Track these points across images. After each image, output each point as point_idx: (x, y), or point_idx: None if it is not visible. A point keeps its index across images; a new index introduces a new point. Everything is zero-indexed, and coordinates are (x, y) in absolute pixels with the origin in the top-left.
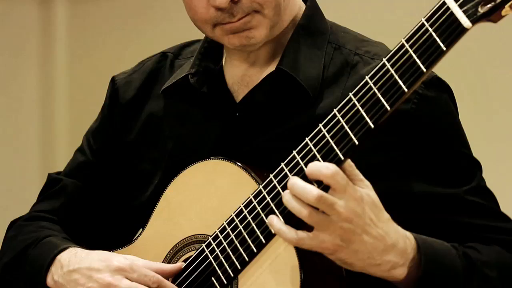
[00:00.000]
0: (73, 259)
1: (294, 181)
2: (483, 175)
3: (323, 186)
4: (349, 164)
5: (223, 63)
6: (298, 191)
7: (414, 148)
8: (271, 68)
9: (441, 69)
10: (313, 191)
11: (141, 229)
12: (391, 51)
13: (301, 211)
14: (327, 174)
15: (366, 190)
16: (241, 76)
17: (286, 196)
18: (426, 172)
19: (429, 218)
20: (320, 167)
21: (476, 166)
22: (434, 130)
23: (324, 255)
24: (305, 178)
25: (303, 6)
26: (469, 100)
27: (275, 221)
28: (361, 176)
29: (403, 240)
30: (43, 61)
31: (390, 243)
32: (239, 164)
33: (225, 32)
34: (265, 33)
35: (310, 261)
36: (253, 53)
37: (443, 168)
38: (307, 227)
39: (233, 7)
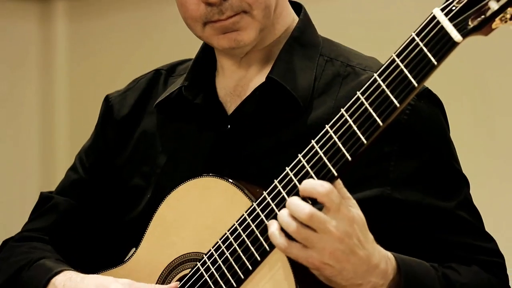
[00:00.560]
0: (68, 283)
1: (290, 199)
2: (483, 188)
3: (318, 205)
4: (338, 181)
5: (216, 75)
6: (291, 208)
7: (405, 158)
8: (263, 79)
9: (442, 82)
10: (305, 208)
11: (134, 248)
12: (382, 66)
13: (289, 225)
14: (321, 192)
15: (356, 209)
16: (234, 87)
17: (281, 211)
18: (416, 182)
19: (413, 229)
20: (314, 185)
21: (464, 182)
22: (425, 141)
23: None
24: (298, 195)
25: (296, 19)
26: (470, 112)
27: (274, 225)
28: (348, 194)
29: (385, 261)
30: (43, 76)
31: (373, 264)
32: (231, 181)
33: (215, 32)
34: (254, 36)
35: (305, 282)
36: (245, 63)
37: (432, 179)
38: None
39: (222, 4)
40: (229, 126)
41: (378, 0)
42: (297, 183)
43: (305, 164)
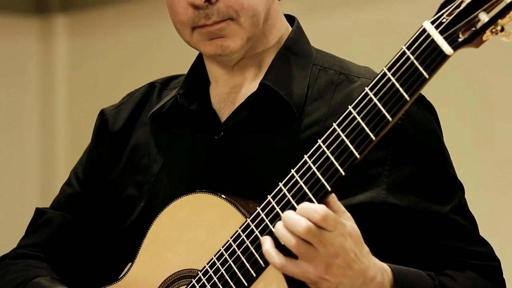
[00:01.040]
0: None
1: (286, 212)
2: (482, 197)
3: None
4: (332, 196)
5: (210, 84)
6: (288, 222)
7: (399, 162)
8: (256, 86)
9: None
10: (302, 222)
11: (129, 264)
12: (374, 80)
13: (289, 240)
14: (317, 218)
15: (351, 223)
16: (227, 94)
17: (278, 225)
18: (410, 186)
19: (407, 234)
20: (309, 211)
21: (458, 186)
22: (418, 145)
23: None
24: (294, 210)
25: (289, 29)
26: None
27: (268, 242)
28: (343, 208)
29: (381, 273)
30: (44, 91)
31: (369, 276)
32: (224, 196)
33: (202, 38)
34: (241, 44)
35: None
36: (237, 72)
37: (426, 183)
38: (294, 255)
39: (208, 7)
40: (222, 133)
41: (370, 15)
42: (290, 198)
43: (299, 179)
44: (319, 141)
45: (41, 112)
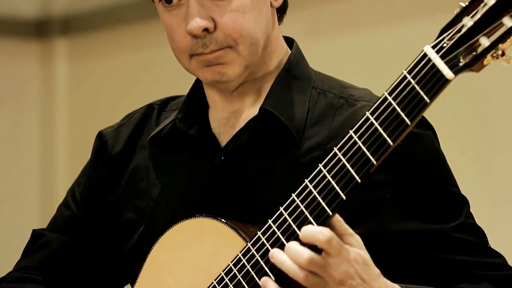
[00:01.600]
0: None
1: (288, 244)
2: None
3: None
4: (338, 219)
5: (209, 108)
6: (290, 253)
7: (401, 185)
8: (256, 111)
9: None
10: (304, 253)
11: (129, 285)
12: (375, 104)
13: (297, 274)
14: (322, 240)
15: (357, 249)
16: (226, 119)
17: (281, 257)
18: (414, 209)
19: (417, 256)
20: (314, 233)
21: (463, 202)
22: (420, 166)
23: None
24: (293, 234)
25: (289, 52)
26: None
27: (270, 285)
28: (350, 230)
29: None
30: (44, 114)
31: None
32: (224, 221)
33: (199, 65)
34: (239, 71)
35: None
36: (236, 97)
37: (430, 204)
38: (297, 283)
39: (207, 37)
40: (222, 157)
41: (370, 37)
42: (291, 223)
43: (299, 204)
44: (320, 166)
45: (41, 134)
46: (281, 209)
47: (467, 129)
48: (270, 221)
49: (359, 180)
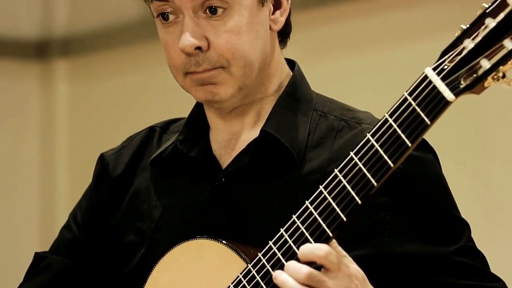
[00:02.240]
0: None
1: (287, 263)
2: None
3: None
4: (333, 241)
5: (210, 131)
6: (290, 271)
7: (402, 208)
8: (257, 133)
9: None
10: (302, 269)
11: None
12: (375, 126)
13: None
14: (320, 255)
15: (354, 265)
16: (227, 141)
17: (283, 277)
18: (415, 232)
19: (418, 279)
20: (313, 249)
21: (464, 226)
22: (421, 189)
23: None
24: (294, 256)
25: (290, 74)
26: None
27: None
28: (343, 252)
29: None
30: (44, 139)
31: None
32: (225, 242)
33: (193, 83)
34: (231, 92)
35: None
36: (236, 118)
37: (431, 228)
38: None
39: (200, 55)
40: (223, 179)
41: (371, 59)
42: (292, 244)
43: (300, 225)
44: (321, 187)
45: (42, 155)
46: (282, 230)
47: (466, 148)
48: (270, 243)
49: (359, 202)
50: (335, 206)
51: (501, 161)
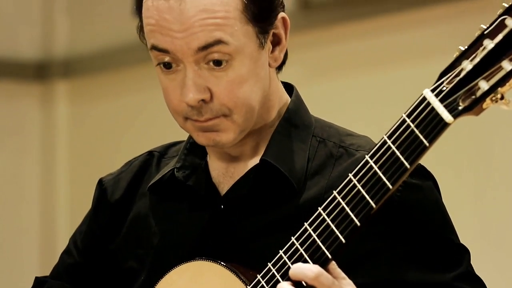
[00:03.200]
0: None
1: (280, 284)
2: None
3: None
4: (332, 262)
5: (208, 157)
6: None
7: (401, 236)
8: (255, 161)
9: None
10: None
11: None
12: (374, 147)
13: None
14: (310, 277)
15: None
16: (226, 168)
17: None
18: (413, 260)
19: None
20: (303, 269)
21: (463, 252)
22: (419, 217)
23: None
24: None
25: (288, 100)
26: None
27: None
28: (342, 274)
29: None
30: (44, 160)
31: None
32: (224, 264)
33: (194, 128)
34: (233, 137)
35: None
36: (235, 148)
37: (430, 255)
38: None
39: (202, 106)
40: (222, 206)
41: (370, 80)
42: (290, 265)
43: (299, 247)
44: (319, 209)
45: (42, 177)
46: (281, 252)
47: (465, 172)
48: (269, 265)
49: (358, 224)
50: (334, 228)
51: (500, 180)
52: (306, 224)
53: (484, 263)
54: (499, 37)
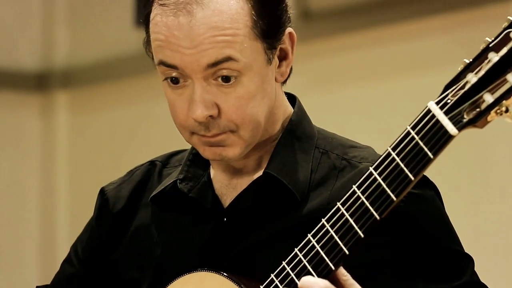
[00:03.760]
0: None
1: None
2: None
3: None
4: (343, 273)
5: (211, 168)
6: None
7: (404, 246)
8: (259, 173)
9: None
10: None
11: None
12: (378, 159)
13: None
14: None
15: None
16: (229, 180)
17: None
18: (417, 270)
19: None
20: (310, 284)
21: (467, 261)
22: (422, 227)
23: None
24: None
25: (291, 111)
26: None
27: None
28: (357, 285)
29: None
30: (44, 170)
31: None
32: (227, 275)
33: (200, 143)
34: (239, 152)
35: None
36: (240, 161)
37: (434, 264)
38: None
39: (210, 122)
40: (225, 218)
41: (374, 91)
42: (294, 277)
43: (302, 258)
44: (323, 220)
45: (42, 187)
46: (284, 263)
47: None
48: (272, 275)
49: (362, 235)
50: (338, 239)
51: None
52: (309, 235)
53: (480, 273)
54: (504, 50)
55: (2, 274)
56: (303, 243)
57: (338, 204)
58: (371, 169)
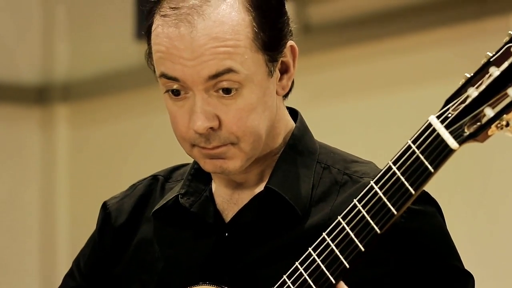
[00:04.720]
0: None
1: None
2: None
3: None
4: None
5: (212, 183)
6: None
7: (405, 262)
8: (260, 188)
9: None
10: None
11: None
12: (379, 173)
13: None
14: None
15: None
16: (230, 195)
17: None
18: (417, 287)
19: None
20: None
21: (467, 278)
22: (423, 243)
23: None
24: None
25: (293, 126)
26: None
27: None
28: None
29: None
30: (44, 184)
31: None
32: None
33: (201, 155)
34: (240, 165)
35: None
36: (240, 175)
37: (434, 282)
38: None
39: (210, 134)
40: (227, 233)
41: (374, 104)
42: None
43: (303, 272)
44: (324, 234)
45: (42, 201)
46: (285, 277)
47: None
48: None
49: (363, 249)
50: (338, 253)
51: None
52: (310, 249)
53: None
54: (505, 64)
55: (2, 287)
56: (304, 256)
57: (339, 218)
58: (372, 182)
